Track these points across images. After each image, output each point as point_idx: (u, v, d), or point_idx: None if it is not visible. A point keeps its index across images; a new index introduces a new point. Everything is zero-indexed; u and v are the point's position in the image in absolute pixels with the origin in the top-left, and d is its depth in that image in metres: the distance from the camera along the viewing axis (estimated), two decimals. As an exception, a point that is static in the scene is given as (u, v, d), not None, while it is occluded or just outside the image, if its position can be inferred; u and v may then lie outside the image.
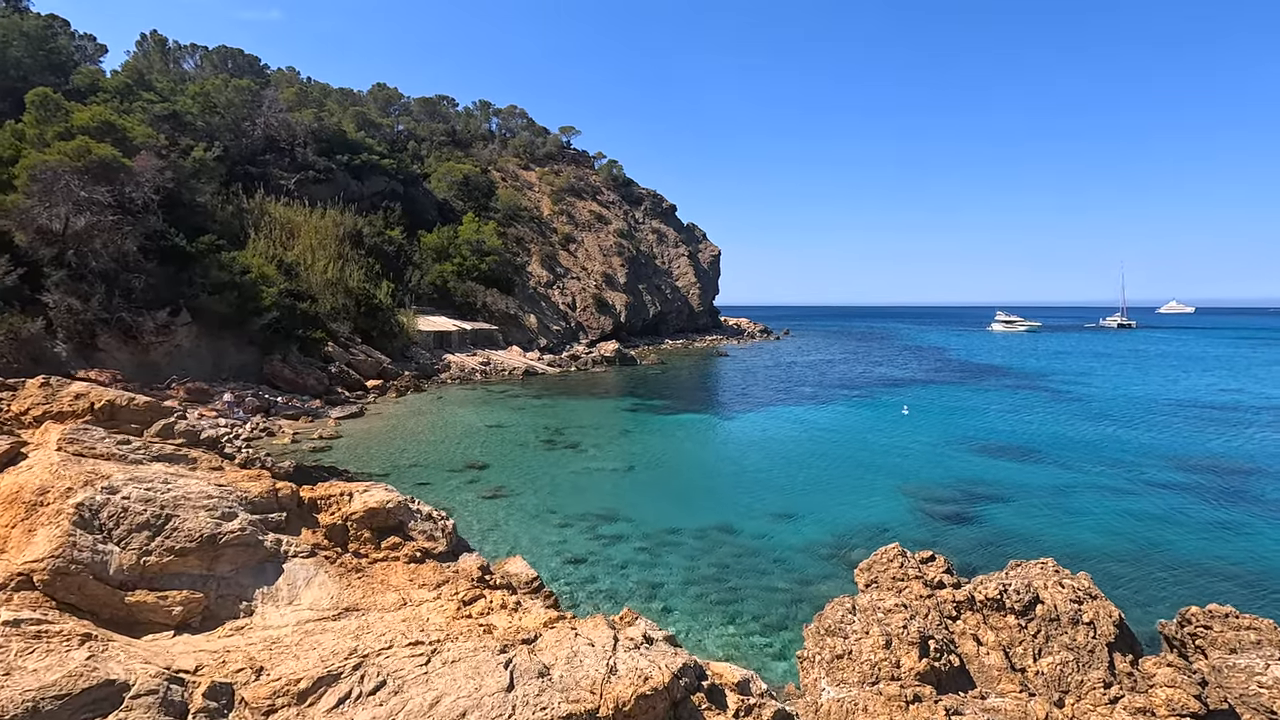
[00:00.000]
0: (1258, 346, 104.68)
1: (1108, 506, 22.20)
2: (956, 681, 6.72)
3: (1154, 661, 6.87)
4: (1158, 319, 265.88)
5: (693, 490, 23.44)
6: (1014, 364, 74.38)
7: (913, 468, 27.15)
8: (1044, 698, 6.66)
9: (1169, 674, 6.64)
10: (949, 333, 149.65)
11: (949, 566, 8.35)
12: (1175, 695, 6.51)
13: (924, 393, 49.60)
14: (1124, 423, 37.14)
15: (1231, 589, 15.71)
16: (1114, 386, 54.00)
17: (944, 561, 8.38)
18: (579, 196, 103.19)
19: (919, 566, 8.28)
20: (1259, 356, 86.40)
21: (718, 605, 14.52)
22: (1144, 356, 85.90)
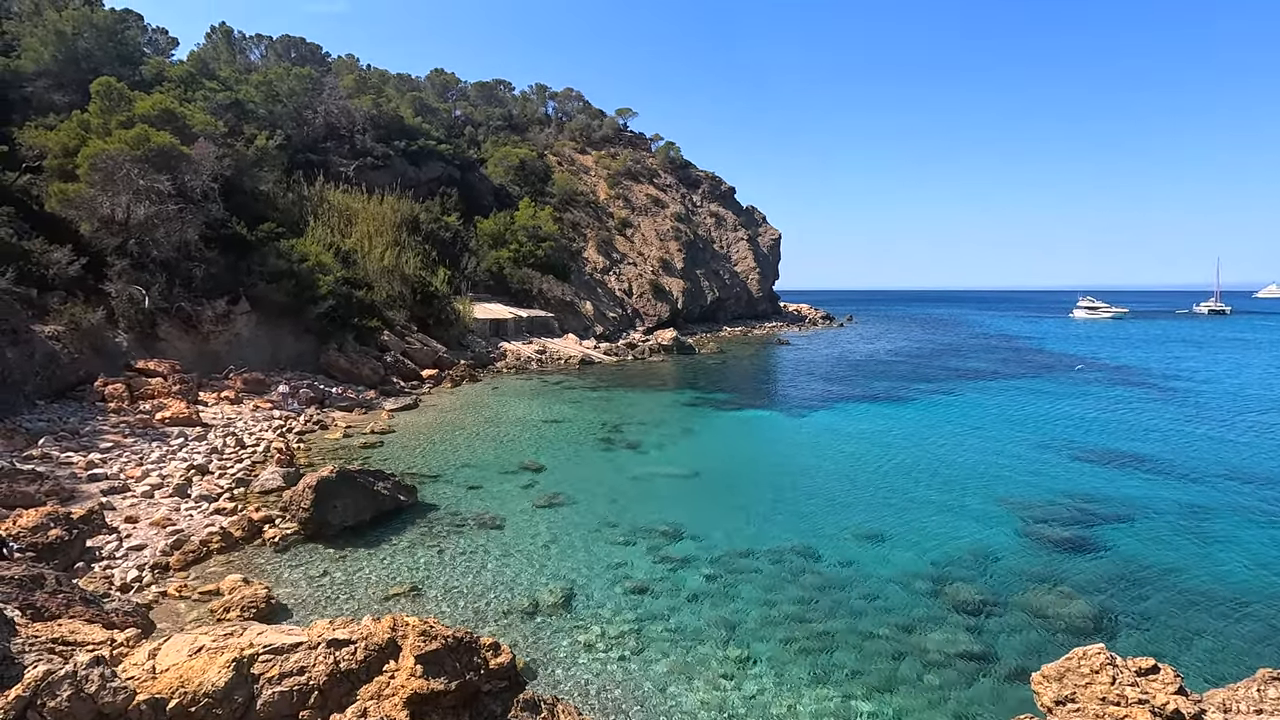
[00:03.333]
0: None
1: (1258, 535, 18.91)
2: None
3: None
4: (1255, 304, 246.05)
5: (763, 502, 21.25)
6: (1104, 354, 68.62)
7: (1010, 477, 24.22)
8: None
9: None
10: (1027, 320, 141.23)
11: (1181, 683, 6.01)
12: None
13: (1008, 388, 45.66)
14: (1247, 427, 32.82)
15: None
16: (1224, 382, 48.58)
17: (1173, 675, 6.04)
18: (636, 180, 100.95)
19: (1138, 681, 5.99)
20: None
21: (805, 655, 12.39)
22: (1249, 345, 78.13)
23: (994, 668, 12.16)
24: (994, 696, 11.27)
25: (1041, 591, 15.09)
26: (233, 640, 6.83)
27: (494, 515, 19.28)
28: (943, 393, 43.50)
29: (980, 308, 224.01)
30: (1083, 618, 13.87)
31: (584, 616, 13.66)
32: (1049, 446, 28.82)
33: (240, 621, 8.91)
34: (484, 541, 17.42)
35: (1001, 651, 12.68)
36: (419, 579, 15.15)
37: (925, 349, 76.19)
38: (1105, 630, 13.51)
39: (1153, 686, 5.80)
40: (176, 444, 23.59)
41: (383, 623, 7.29)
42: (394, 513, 18.94)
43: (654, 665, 11.99)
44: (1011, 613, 14.23)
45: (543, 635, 12.92)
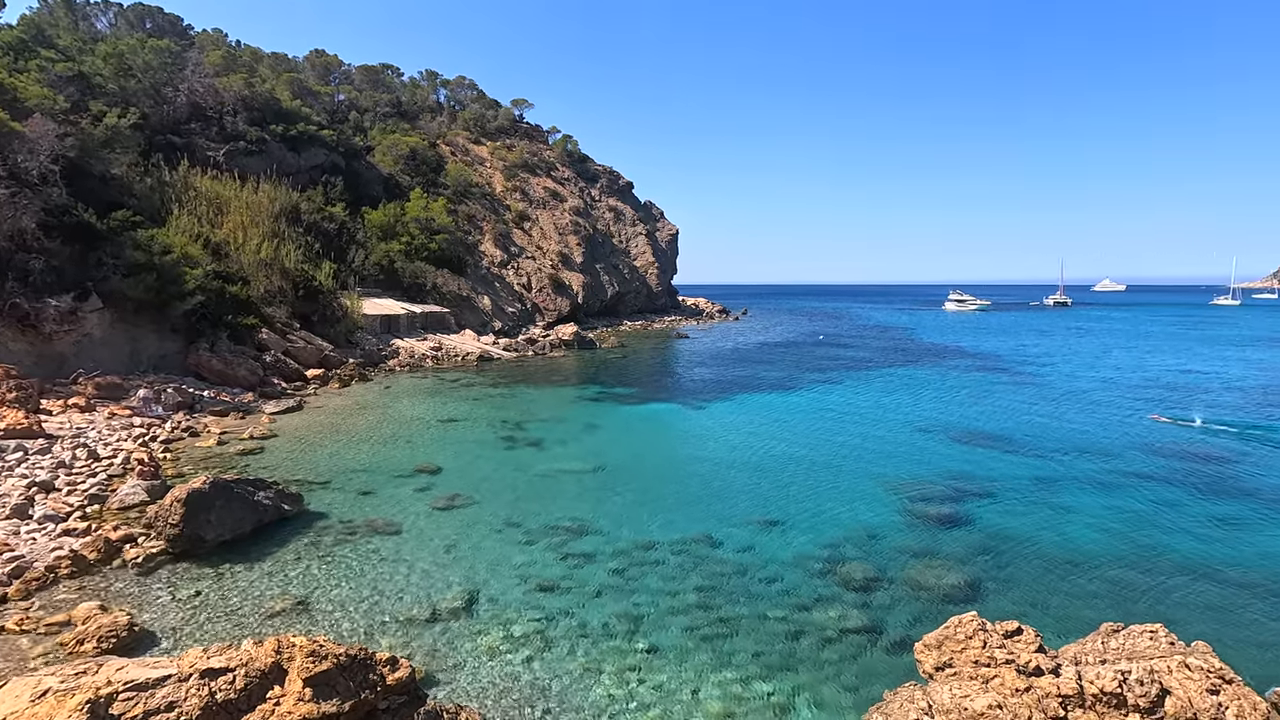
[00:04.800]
0: (1189, 326, 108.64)
1: (1095, 501, 21.26)
2: (1085, 825, 5.04)
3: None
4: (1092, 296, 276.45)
5: (666, 494, 21.60)
6: (971, 344, 74.92)
7: (892, 460, 25.91)
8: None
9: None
10: (904, 312, 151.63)
11: (1040, 642, 6.63)
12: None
13: (887, 375, 48.88)
14: (1086, 406, 36.86)
15: (1247, 599, 14.71)
16: (1062, 366, 54.48)
17: (1034, 635, 6.66)
18: (533, 172, 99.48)
19: (1005, 643, 6.55)
20: (1211, 334, 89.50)
21: (708, 642, 12.71)
22: (1084, 333, 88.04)
23: (882, 640, 12.97)
24: (883, 667, 12.01)
25: (921, 565, 16.25)
26: (86, 679, 6.11)
27: (389, 521, 18.45)
28: (830, 382, 45.91)
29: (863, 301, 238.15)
30: (957, 587, 15.07)
31: (487, 619, 13.35)
32: (925, 429, 31.09)
33: (96, 656, 8.01)
34: (378, 549, 16.63)
35: (888, 624, 13.54)
36: (307, 593, 14.24)
37: (814, 340, 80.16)
38: (977, 597, 14.74)
39: (1017, 647, 6.40)
40: (14, 459, 20.91)
41: (265, 645, 6.76)
42: (278, 523, 17.71)
43: (561, 663, 11.91)
44: (895, 587, 15.23)
45: (445, 642, 12.51)
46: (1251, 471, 24.41)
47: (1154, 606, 14.28)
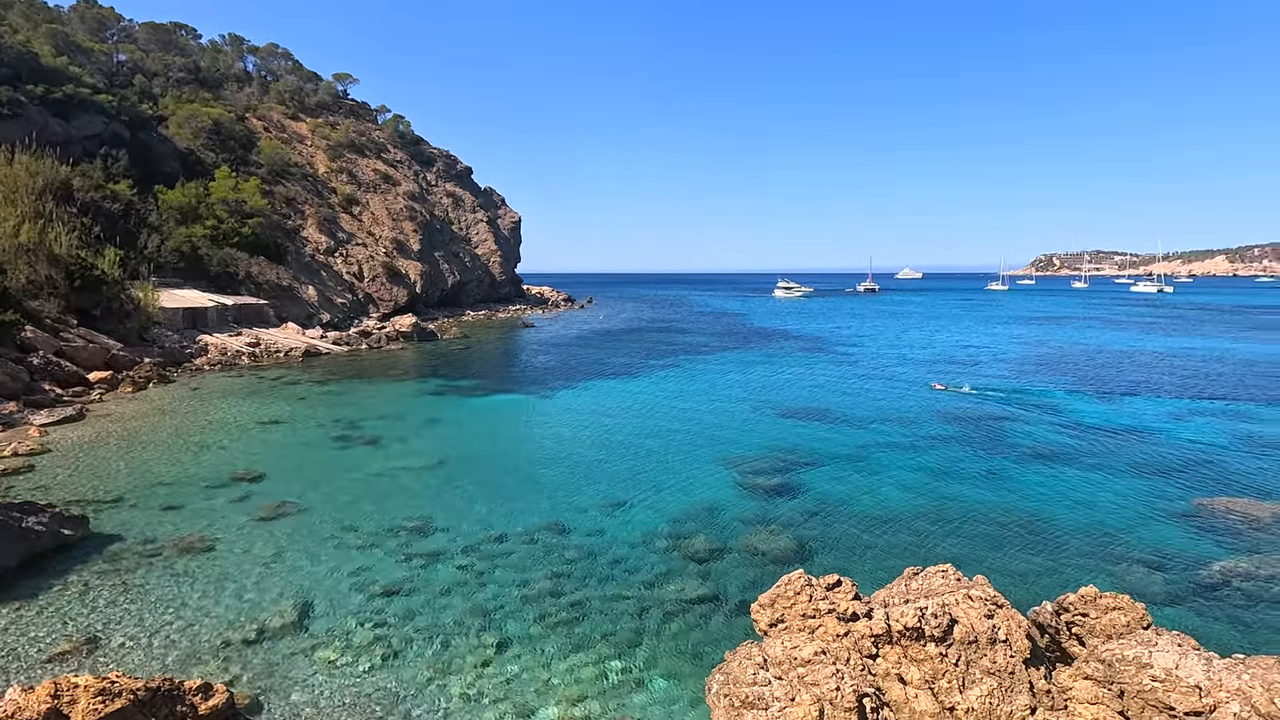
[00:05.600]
0: (969, 308, 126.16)
1: (901, 462, 24.07)
2: (892, 743, 5.74)
3: (1069, 674, 6.50)
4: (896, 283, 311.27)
5: (514, 484, 21.34)
6: (796, 327, 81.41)
7: (729, 438, 27.51)
8: (980, 743, 5.91)
9: (1089, 689, 6.25)
10: (738, 299, 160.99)
11: (856, 590, 7.40)
12: (1100, 714, 6.09)
13: (723, 358, 51.78)
14: (888, 379, 41.61)
15: (1013, 535, 17.43)
16: (870, 344, 61.17)
17: (851, 585, 7.43)
18: (361, 153, 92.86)
19: (827, 595, 7.24)
20: (985, 314, 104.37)
21: (561, 628, 12.78)
22: (889, 315, 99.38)
23: (724, 605, 13.80)
24: (726, 631, 12.78)
25: (756, 532, 17.48)
26: None
27: (201, 537, 16.51)
28: (671, 366, 47.76)
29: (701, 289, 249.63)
30: (788, 549, 16.40)
31: (323, 632, 12.42)
32: (758, 408, 33.35)
33: None
34: (189, 569, 14.84)
35: (729, 590, 14.43)
36: (98, 628, 12.38)
37: (656, 326, 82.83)
38: (806, 556, 16.13)
39: (837, 598, 7.14)
40: None
41: (38, 691, 5.79)
42: (57, 552, 15.20)
43: (409, 668, 11.39)
44: (734, 555, 16.25)
45: (274, 661, 11.47)
46: (1014, 429, 28.88)
47: (946, 549, 16.49)
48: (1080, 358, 52.99)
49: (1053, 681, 6.61)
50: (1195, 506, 19.40)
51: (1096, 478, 22.19)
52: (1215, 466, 23.39)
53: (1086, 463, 23.87)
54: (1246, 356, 53.17)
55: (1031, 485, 21.57)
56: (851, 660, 6.36)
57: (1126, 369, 46.64)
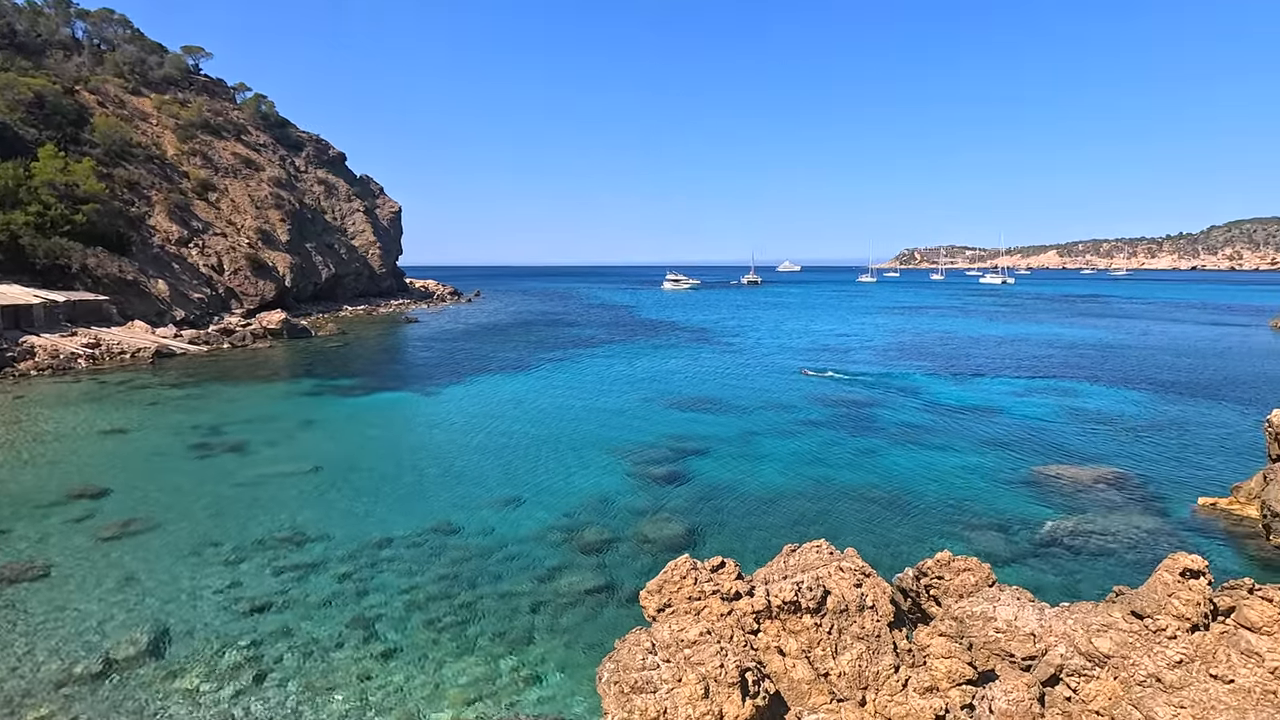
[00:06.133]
0: (842, 299, 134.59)
1: (782, 446, 25.34)
2: (774, 710, 6.06)
3: (927, 633, 7.14)
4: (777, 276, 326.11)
5: (399, 486, 20.49)
6: (683, 318, 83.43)
7: (620, 429, 27.80)
8: (852, 702, 6.37)
9: (943, 645, 6.88)
10: (628, 291, 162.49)
11: (738, 570, 7.72)
12: (953, 666, 6.73)
13: (615, 350, 52.21)
14: (769, 367, 43.68)
15: (880, 509, 18.85)
16: (751, 334, 63.98)
17: (734, 566, 7.73)
18: (218, 135, 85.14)
19: (712, 577, 7.50)
20: (856, 304, 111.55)
21: (451, 631, 12.45)
22: (775, 306, 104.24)
23: (616, 595, 13.97)
24: (619, 620, 12.95)
25: (648, 521, 17.81)
26: None
27: (31, 563, 14.63)
28: (565, 359, 47.55)
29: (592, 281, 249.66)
30: (677, 536, 16.84)
31: (182, 658, 11.39)
32: (649, 399, 33.91)
33: None
34: (19, 599, 13.11)
35: (622, 579, 14.62)
36: (-103, 677, 10.68)
37: (546, 319, 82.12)
38: (696, 542, 16.64)
39: (721, 579, 7.44)
40: None
41: None
42: None
43: (283, 689, 10.67)
44: (627, 544, 16.48)
45: (124, 695, 10.38)
46: (881, 411, 31.17)
47: (823, 525, 17.55)
48: (936, 343, 57.95)
49: (913, 641, 7.25)
50: (1032, 474, 21.80)
51: (951, 452, 24.39)
52: (1047, 437, 26.37)
53: (942, 439, 26.17)
54: (1071, 340, 60.29)
55: (896, 462, 23.37)
56: (735, 638, 6.66)
57: (975, 353, 51.52)
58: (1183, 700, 6.69)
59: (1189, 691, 6.81)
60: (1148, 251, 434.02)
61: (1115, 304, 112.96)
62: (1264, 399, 32.70)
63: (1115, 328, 71.83)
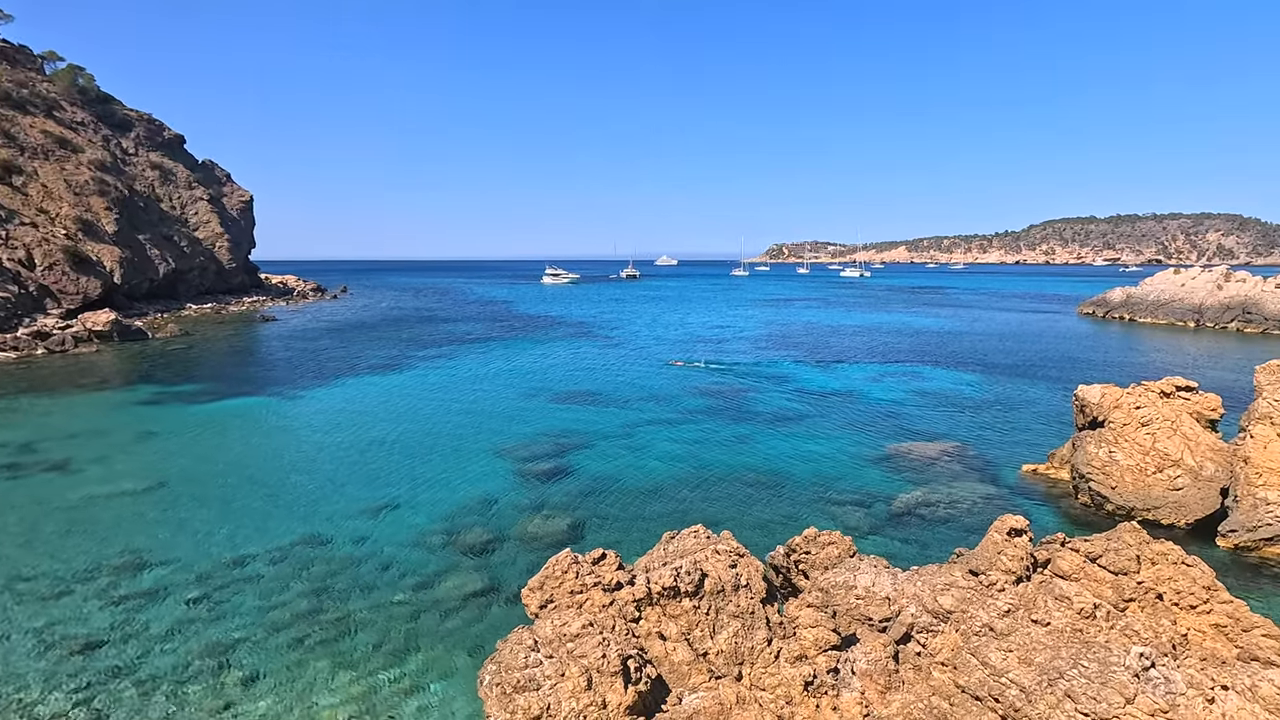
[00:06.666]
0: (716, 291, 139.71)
1: (663, 436, 25.95)
2: (657, 694, 6.21)
3: (796, 605, 7.59)
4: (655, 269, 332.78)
5: (258, 500, 18.94)
6: (563, 313, 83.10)
7: (501, 427, 27.29)
8: (729, 678, 6.66)
9: (811, 615, 7.35)
10: (507, 286, 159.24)
11: (619, 561, 7.82)
12: (819, 634, 7.21)
13: (494, 346, 51.10)
14: (646, 359, 44.60)
15: (756, 493, 19.82)
16: (627, 327, 65.14)
17: (615, 557, 7.82)
18: (23, 109, 74.18)
19: (593, 570, 7.53)
20: (730, 297, 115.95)
21: (322, 648, 11.71)
22: (653, 300, 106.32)
23: (500, 596, 13.72)
24: (503, 621, 12.73)
25: (532, 518, 17.63)
26: None
27: None
28: (441, 356, 45.87)
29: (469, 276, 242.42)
30: (562, 532, 16.80)
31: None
32: (530, 394, 33.50)
33: None
34: None
35: (507, 580, 14.37)
36: None
37: (420, 316, 78.77)
38: (581, 536, 16.67)
39: (602, 570, 7.52)
40: None
41: None
42: None
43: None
44: (511, 543, 16.23)
45: (-87, 765, 8.89)
46: (754, 398, 32.73)
47: (703, 511, 18.18)
48: (802, 333, 61.60)
49: (785, 613, 7.71)
50: (887, 452, 23.75)
51: (817, 435, 26.05)
52: (900, 418, 28.82)
53: (809, 423, 27.90)
54: (917, 328, 66.20)
55: (769, 446, 24.63)
56: (617, 627, 6.77)
57: (836, 341, 55.30)
58: (1010, 645, 7.59)
59: (1015, 636, 7.72)
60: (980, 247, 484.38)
61: (953, 295, 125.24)
62: (1073, 375, 37.56)
63: (953, 316, 79.67)
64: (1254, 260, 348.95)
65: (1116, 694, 6.49)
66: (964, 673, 7.32)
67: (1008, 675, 7.22)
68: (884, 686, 7.23)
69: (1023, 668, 7.28)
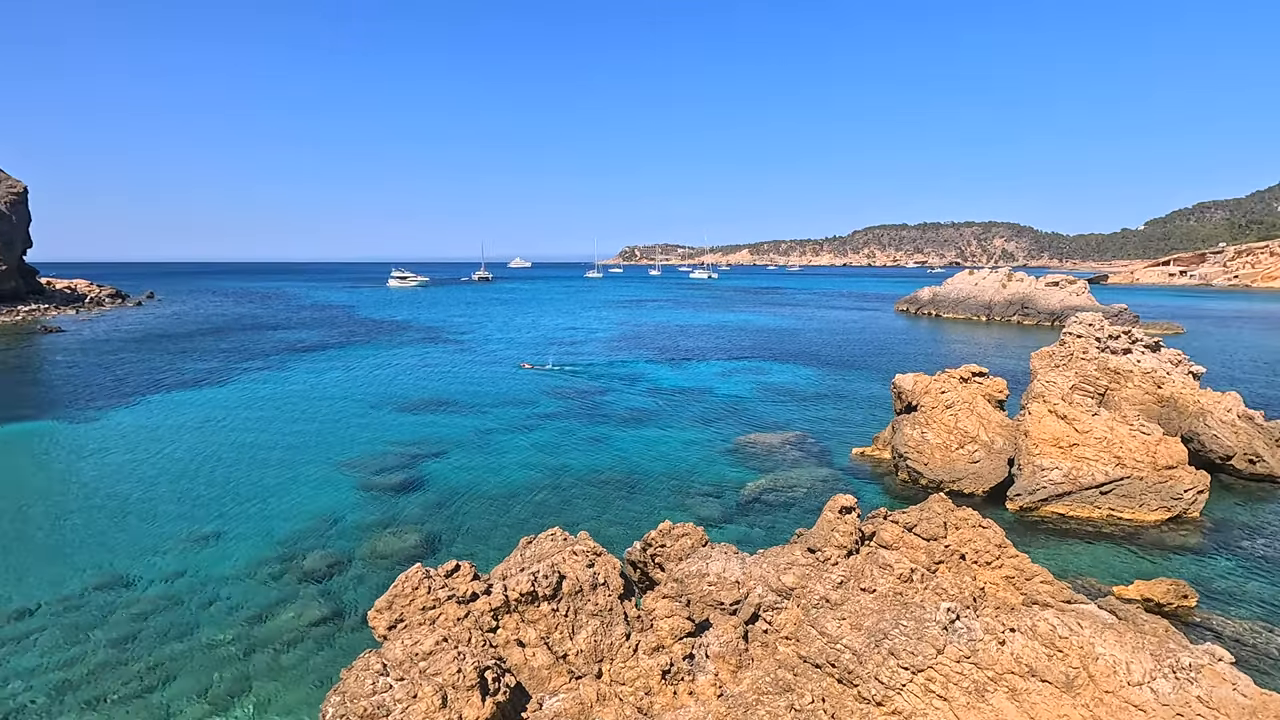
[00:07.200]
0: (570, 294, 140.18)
1: (520, 441, 25.60)
2: (517, 702, 6.10)
3: (652, 597, 7.79)
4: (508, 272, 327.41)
5: (42, 541, 16.28)
6: (411, 317, 79.27)
7: (344, 440, 25.54)
8: (589, 676, 6.70)
9: (666, 606, 7.59)
10: (348, 290, 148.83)
11: (475, 571, 7.59)
12: (675, 623, 7.47)
13: (335, 354, 47.63)
14: (500, 362, 43.85)
15: (613, 491, 20.14)
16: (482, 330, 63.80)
17: (470, 567, 7.58)
18: None
19: (446, 583, 7.24)
20: (584, 299, 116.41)
21: (131, 702, 10.29)
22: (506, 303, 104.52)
23: (347, 622, 12.82)
24: (350, 648, 11.87)
25: (381, 535, 16.65)
26: None
27: None
28: (269, 368, 41.94)
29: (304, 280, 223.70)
30: (415, 547, 16.02)
31: None
32: (376, 404, 31.60)
33: None
34: None
35: (354, 603, 13.45)
36: None
37: (245, 324, 71.52)
38: (435, 550, 15.99)
39: (456, 582, 7.28)
40: None
41: None
42: None
43: None
44: (358, 564, 15.22)
45: None
46: (609, 398, 33.22)
47: (564, 514, 18.15)
48: (654, 333, 63.47)
49: (642, 607, 7.92)
50: (736, 443, 25.09)
51: (671, 431, 26.95)
52: (747, 411, 30.57)
53: (663, 420, 28.79)
54: (760, 325, 70.65)
55: (625, 445, 25.10)
56: (473, 639, 6.58)
57: (686, 340, 57.55)
58: (844, 613, 8.33)
59: (848, 605, 8.49)
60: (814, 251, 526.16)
61: (791, 295, 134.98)
62: (892, 365, 41.87)
63: (791, 315, 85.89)
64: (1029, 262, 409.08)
65: (930, 646, 7.35)
66: (805, 643, 7.93)
67: (842, 641, 7.91)
68: (735, 665, 7.65)
69: (854, 633, 8.02)
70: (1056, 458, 18.35)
